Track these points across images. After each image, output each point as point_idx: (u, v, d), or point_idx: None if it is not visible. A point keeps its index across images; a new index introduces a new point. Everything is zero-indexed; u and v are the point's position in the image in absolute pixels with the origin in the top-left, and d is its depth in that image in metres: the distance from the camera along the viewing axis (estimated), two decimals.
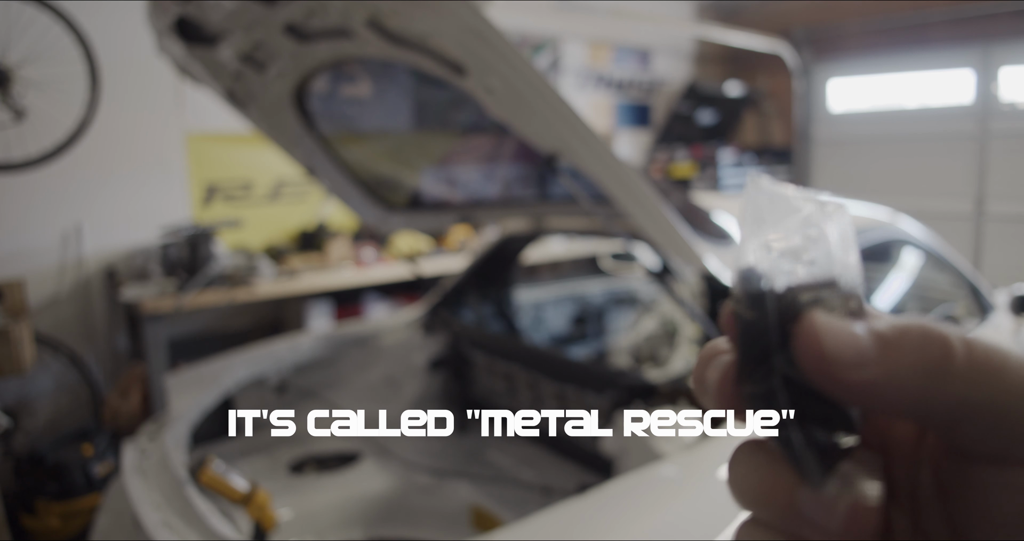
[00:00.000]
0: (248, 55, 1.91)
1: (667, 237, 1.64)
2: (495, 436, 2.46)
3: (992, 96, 5.47)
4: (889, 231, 2.24)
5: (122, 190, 3.73)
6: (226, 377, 2.10)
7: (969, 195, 5.66)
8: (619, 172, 1.57)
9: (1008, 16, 5.20)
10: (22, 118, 2.69)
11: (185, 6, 1.72)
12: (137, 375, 3.52)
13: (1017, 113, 5.37)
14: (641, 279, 3.39)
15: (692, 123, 6.38)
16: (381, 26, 1.58)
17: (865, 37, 6.05)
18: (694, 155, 6.16)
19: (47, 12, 2.76)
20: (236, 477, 1.60)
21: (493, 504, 2.12)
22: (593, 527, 1.24)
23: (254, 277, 3.56)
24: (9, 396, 3.37)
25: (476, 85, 1.57)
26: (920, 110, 5.90)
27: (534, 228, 2.53)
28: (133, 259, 3.71)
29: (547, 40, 5.57)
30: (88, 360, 3.63)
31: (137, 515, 1.41)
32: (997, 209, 5.54)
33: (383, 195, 2.59)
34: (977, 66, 5.51)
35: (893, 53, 5.91)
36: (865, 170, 6.21)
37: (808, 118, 6.51)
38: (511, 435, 2.41)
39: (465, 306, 2.75)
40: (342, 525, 2.13)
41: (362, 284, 4.00)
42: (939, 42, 5.61)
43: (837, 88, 6.40)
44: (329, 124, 2.31)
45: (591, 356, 2.97)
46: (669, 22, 6.30)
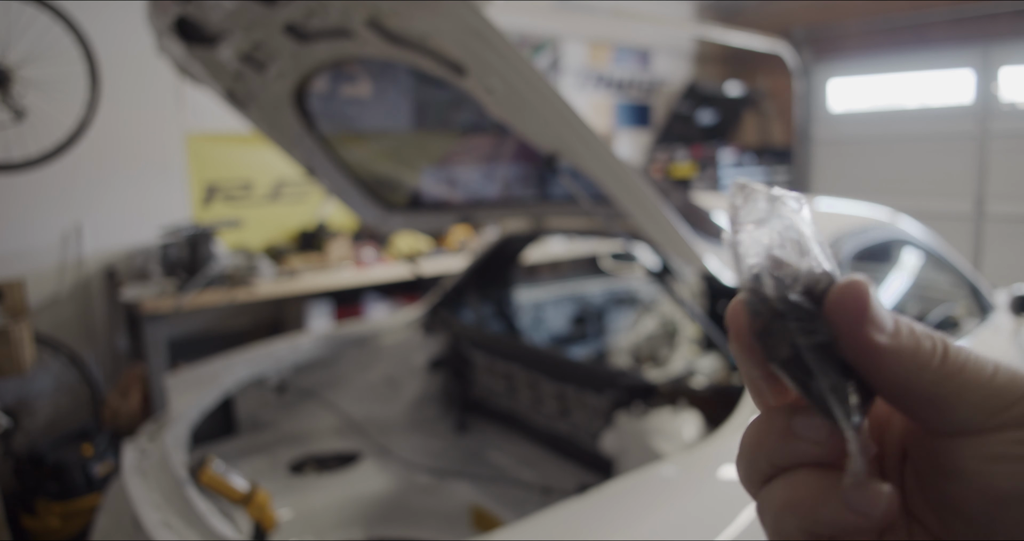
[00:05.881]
0: (248, 55, 1.91)
1: (667, 237, 1.64)
2: (495, 436, 2.46)
3: (992, 96, 5.47)
4: (889, 231, 2.24)
5: (122, 190, 3.73)
6: (226, 377, 2.10)
7: (969, 195, 5.66)
8: (619, 172, 1.57)
9: (1008, 16, 5.20)
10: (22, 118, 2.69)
11: (185, 6, 1.72)
12: (137, 375, 3.52)
13: (1017, 113, 5.37)
14: (641, 279, 3.39)
15: (692, 123, 6.38)
16: (381, 26, 1.58)
17: (865, 37, 6.05)
18: (694, 155, 6.16)
19: (47, 12, 2.76)
20: (236, 477, 1.60)
21: (493, 504, 2.12)
22: (593, 527, 1.24)
23: (254, 277, 3.56)
24: (9, 396, 3.37)
25: (476, 85, 1.57)
26: (920, 110, 5.90)
27: (534, 228, 2.53)
28: (133, 259, 3.71)
29: (547, 40, 5.57)
30: (88, 360, 3.63)
31: (137, 515, 1.41)
32: (997, 209, 5.54)
33: (383, 195, 2.59)
34: (977, 66, 5.51)
35: (893, 53, 5.91)
36: (865, 170, 6.21)
37: (808, 118, 6.51)
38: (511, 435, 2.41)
39: (465, 306, 2.75)
40: (342, 525, 2.13)
41: (362, 284, 4.00)
42: (939, 42, 5.61)
43: (837, 88, 6.40)
44: (329, 124, 2.31)
45: (591, 356, 2.97)
46: (669, 22, 6.30)
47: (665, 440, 1.62)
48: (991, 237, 5.58)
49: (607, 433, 1.82)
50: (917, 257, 2.42)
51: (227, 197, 4.11)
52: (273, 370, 2.29)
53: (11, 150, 2.73)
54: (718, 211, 1.96)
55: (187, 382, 2.08)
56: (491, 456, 2.38)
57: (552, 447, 2.23)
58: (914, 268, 2.42)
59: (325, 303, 4.06)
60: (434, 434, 2.52)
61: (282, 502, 2.06)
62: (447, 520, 2.16)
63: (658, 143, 6.38)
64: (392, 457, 2.34)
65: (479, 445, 2.45)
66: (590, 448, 2.02)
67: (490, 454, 2.39)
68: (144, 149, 3.81)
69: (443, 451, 2.43)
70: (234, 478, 1.59)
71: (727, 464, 1.38)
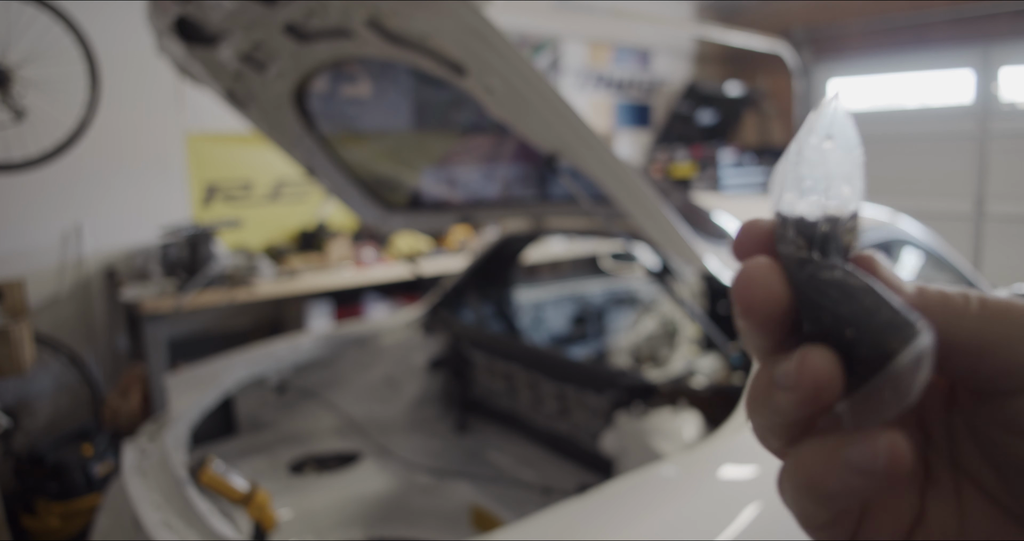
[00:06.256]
0: (248, 55, 1.91)
1: (667, 237, 1.64)
2: (495, 436, 2.46)
3: (992, 96, 5.47)
4: (889, 231, 2.24)
5: (122, 190, 3.73)
6: (226, 377, 2.10)
7: (969, 195, 5.66)
8: (619, 172, 1.57)
9: (1008, 16, 5.20)
10: (22, 118, 2.69)
11: (185, 6, 1.72)
12: (137, 375, 3.52)
13: (1017, 113, 5.37)
14: (641, 279, 3.39)
15: (692, 123, 6.38)
16: (381, 26, 1.58)
17: (865, 37, 6.05)
18: (694, 155, 6.16)
19: (47, 12, 2.76)
20: (236, 477, 1.60)
21: (493, 504, 2.12)
22: (593, 527, 1.23)
23: (254, 277, 3.56)
24: (9, 396, 3.37)
25: (476, 85, 1.57)
26: (920, 110, 5.90)
27: (534, 228, 2.53)
28: (133, 259, 3.71)
29: (547, 40, 5.57)
30: (88, 360, 3.63)
31: (137, 515, 1.41)
32: (997, 209, 5.54)
33: (383, 195, 2.59)
34: (977, 66, 5.51)
35: (893, 53, 5.91)
36: (865, 170, 6.20)
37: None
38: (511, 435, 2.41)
39: (465, 306, 2.75)
40: (342, 525, 2.13)
41: (362, 284, 4.00)
42: (939, 42, 5.60)
43: (837, 88, 6.40)
44: (329, 124, 2.31)
45: (591, 356, 2.97)
46: (669, 22, 6.30)
47: (665, 440, 1.62)
48: (991, 237, 5.58)
49: (607, 433, 1.82)
50: (917, 257, 2.42)
51: (227, 197, 4.11)
52: (273, 370, 2.29)
53: (11, 150, 2.73)
54: (718, 211, 1.96)
55: (187, 382, 2.08)
56: (491, 456, 2.38)
57: (552, 447, 2.23)
58: (914, 268, 2.42)
59: (325, 303, 4.06)
60: (434, 434, 2.52)
61: (282, 502, 2.06)
62: (447, 520, 2.15)
63: (658, 143, 6.38)
64: (392, 457, 2.34)
65: (479, 445, 2.45)
66: (590, 448, 2.02)
67: (490, 454, 2.39)
68: (144, 149, 3.81)
69: (443, 451, 2.43)
70: (234, 478, 1.59)
71: (727, 464, 1.38)
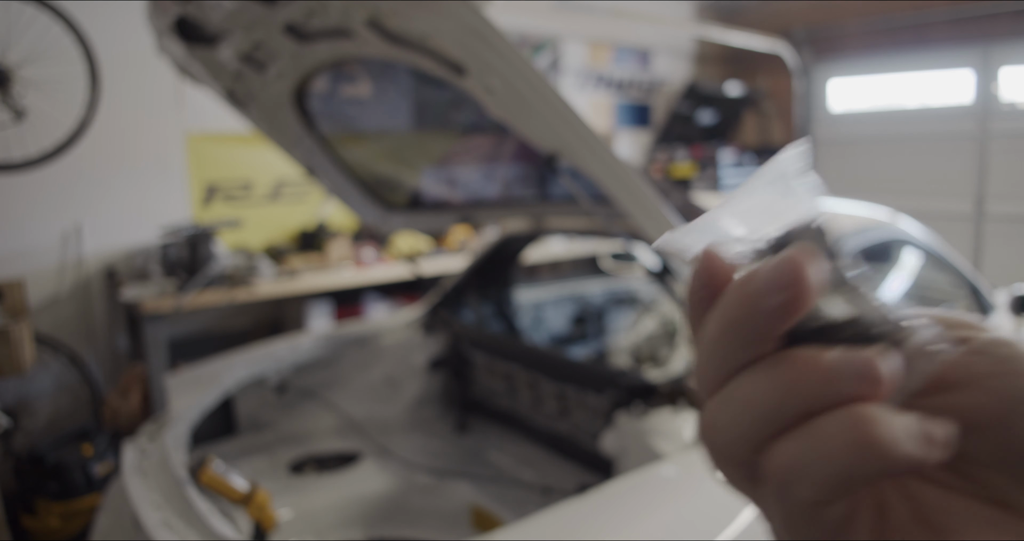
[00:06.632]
0: (248, 55, 1.91)
1: None
2: (495, 436, 2.46)
3: (992, 96, 5.47)
4: (889, 231, 2.24)
5: (122, 190, 3.73)
6: (226, 377, 2.10)
7: (969, 195, 5.66)
8: (619, 172, 1.57)
9: (1008, 16, 5.20)
10: (22, 118, 2.69)
11: (185, 6, 1.72)
12: (137, 375, 3.52)
13: (1017, 113, 5.37)
14: (641, 279, 3.39)
15: (692, 123, 6.38)
16: (381, 26, 1.58)
17: (865, 37, 6.05)
18: (694, 155, 6.16)
19: (47, 12, 2.76)
20: (236, 477, 1.60)
21: (493, 504, 2.12)
22: (593, 527, 1.24)
23: (254, 277, 3.56)
24: (9, 396, 3.37)
25: (476, 85, 1.57)
26: (920, 110, 5.90)
27: (534, 228, 2.53)
28: (133, 259, 3.71)
29: (547, 40, 5.57)
30: (88, 360, 3.63)
31: (137, 515, 1.41)
32: (997, 209, 5.54)
33: (383, 195, 2.59)
34: (977, 66, 5.51)
35: (893, 53, 5.91)
36: (865, 170, 6.21)
37: (808, 118, 6.51)
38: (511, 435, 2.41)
39: (465, 306, 2.75)
40: (342, 525, 2.13)
41: (362, 284, 4.00)
42: (939, 42, 5.60)
43: (837, 88, 6.40)
44: (329, 124, 2.31)
45: (591, 356, 2.97)
46: (669, 22, 6.30)
47: (665, 440, 1.62)
48: (991, 237, 5.58)
49: (607, 433, 1.82)
50: (917, 257, 2.42)
51: (227, 197, 4.11)
52: (273, 370, 2.29)
53: (11, 150, 2.73)
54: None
55: (187, 382, 2.09)
56: (491, 456, 2.38)
57: (552, 447, 2.23)
58: (914, 268, 2.42)
59: (325, 303, 4.06)
60: (434, 434, 2.52)
61: (282, 502, 2.06)
62: (447, 520, 2.16)
63: (658, 143, 6.38)
64: (392, 457, 2.34)
65: (479, 445, 2.45)
66: (590, 448, 2.02)
67: (490, 454, 2.39)
68: (144, 149, 3.81)
69: (443, 451, 2.43)
70: (234, 478, 1.59)
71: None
